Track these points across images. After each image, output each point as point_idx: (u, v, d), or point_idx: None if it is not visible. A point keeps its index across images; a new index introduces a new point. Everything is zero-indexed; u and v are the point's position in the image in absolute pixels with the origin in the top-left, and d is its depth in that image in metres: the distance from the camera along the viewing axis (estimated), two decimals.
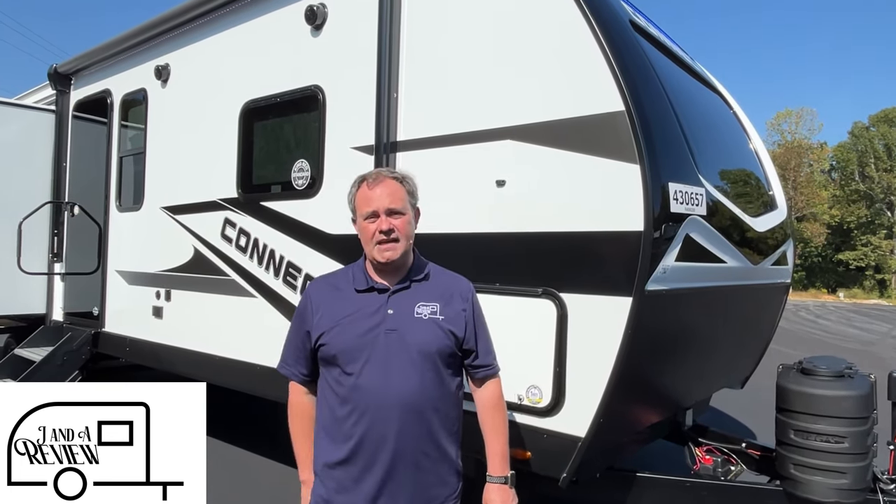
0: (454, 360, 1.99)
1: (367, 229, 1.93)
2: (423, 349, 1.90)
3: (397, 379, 1.87)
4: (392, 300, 1.95)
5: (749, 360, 4.20)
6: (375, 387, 1.87)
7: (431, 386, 1.91)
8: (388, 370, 1.87)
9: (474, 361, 2.03)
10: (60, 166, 5.98)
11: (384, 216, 1.91)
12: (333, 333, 1.91)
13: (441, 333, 1.93)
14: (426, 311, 1.94)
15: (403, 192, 1.96)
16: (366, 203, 1.93)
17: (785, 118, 55.77)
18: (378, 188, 1.93)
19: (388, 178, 1.96)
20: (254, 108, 4.00)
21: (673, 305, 2.66)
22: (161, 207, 4.74)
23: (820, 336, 16.67)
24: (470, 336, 1.99)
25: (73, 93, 6.00)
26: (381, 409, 1.86)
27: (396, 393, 1.86)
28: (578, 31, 2.54)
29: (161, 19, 4.70)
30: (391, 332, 1.90)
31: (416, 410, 1.88)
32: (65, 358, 5.21)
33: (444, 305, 1.97)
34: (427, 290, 1.99)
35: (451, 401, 1.98)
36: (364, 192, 1.95)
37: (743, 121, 4.30)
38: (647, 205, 2.33)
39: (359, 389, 1.88)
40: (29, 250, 5.63)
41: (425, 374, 1.90)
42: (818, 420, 2.71)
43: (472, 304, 2.05)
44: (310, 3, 3.58)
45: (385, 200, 1.91)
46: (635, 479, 2.96)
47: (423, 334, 1.91)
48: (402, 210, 1.94)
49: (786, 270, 4.04)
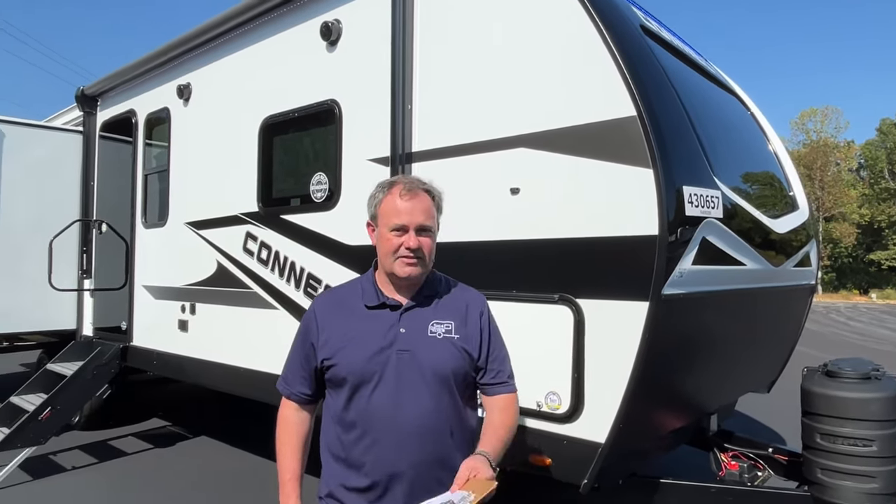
0: (470, 382, 1.88)
1: (391, 242, 1.78)
2: (438, 371, 1.78)
3: (410, 403, 1.75)
4: (404, 318, 1.82)
5: (774, 364, 4.14)
6: (387, 412, 1.74)
7: (447, 410, 1.79)
8: (401, 394, 1.75)
9: (490, 379, 1.89)
10: (88, 185, 6.15)
11: (414, 233, 1.77)
12: (342, 354, 1.79)
13: (456, 353, 1.81)
14: (441, 329, 1.82)
15: (434, 209, 1.84)
16: (395, 214, 1.78)
17: (810, 117, 54.91)
18: (413, 201, 1.78)
19: (423, 192, 1.82)
20: (273, 123, 4.08)
21: (691, 309, 2.64)
22: (185, 223, 4.85)
23: (851, 338, 16.30)
24: (484, 354, 1.87)
25: (99, 114, 6.18)
26: (392, 435, 1.74)
27: (409, 419, 1.74)
28: (588, 38, 2.55)
29: (181, 40, 4.83)
30: (403, 352, 1.77)
31: (430, 437, 1.75)
32: (95, 372, 5.32)
33: (460, 323, 1.85)
34: (441, 307, 1.87)
35: (468, 425, 1.86)
36: (395, 201, 1.79)
37: (761, 122, 4.26)
38: (662, 209, 2.33)
39: (369, 414, 1.75)
40: (59, 267, 5.79)
41: (441, 398, 1.78)
42: (845, 423, 2.67)
43: (488, 320, 1.93)
44: (324, 20, 3.65)
45: (419, 216, 1.78)
46: (658, 486, 2.93)
47: (437, 355, 1.79)
48: (431, 228, 1.82)
49: (809, 272, 3.98)
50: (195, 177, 4.88)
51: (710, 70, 3.90)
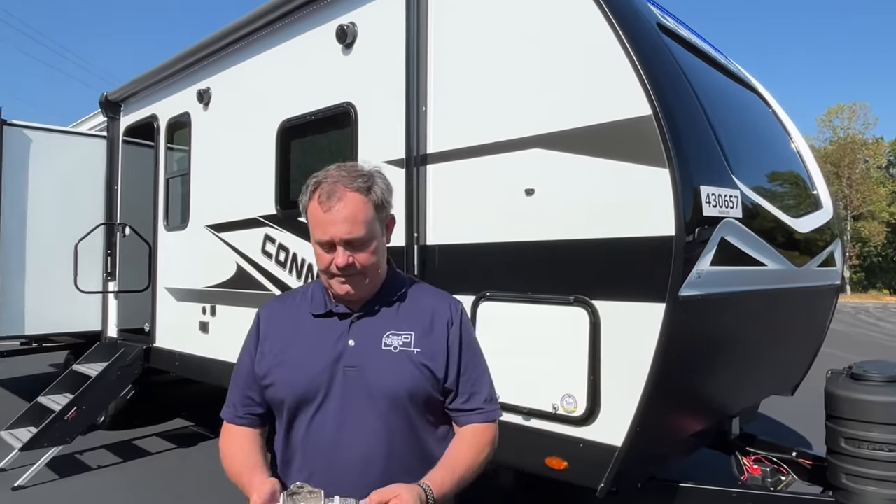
0: (436, 406, 1.54)
1: (321, 258, 1.48)
2: (390, 391, 1.46)
3: (352, 431, 1.45)
4: (355, 328, 1.52)
5: (798, 366, 4.06)
6: (325, 441, 1.46)
7: (399, 439, 1.47)
8: (344, 421, 1.45)
9: (461, 404, 1.55)
10: (112, 189, 6.26)
11: (341, 249, 1.44)
12: (279, 372, 1.51)
13: (415, 371, 1.48)
14: (397, 341, 1.50)
15: (368, 209, 1.46)
16: (318, 226, 1.45)
17: (837, 113, 53.78)
18: (333, 211, 1.42)
19: (348, 192, 1.44)
20: (290, 126, 4.12)
21: (709, 311, 2.60)
22: (205, 226, 4.91)
23: (881, 340, 15.91)
24: (453, 373, 1.53)
25: (122, 119, 6.29)
26: (328, 468, 1.45)
27: (350, 449, 1.45)
28: (603, 37, 2.53)
29: (201, 45, 4.89)
30: (350, 369, 1.47)
31: (375, 470, 1.43)
32: (119, 373, 5.42)
33: (422, 334, 1.52)
34: (402, 316, 1.55)
35: (431, 460, 1.49)
36: (315, 209, 1.45)
37: (783, 120, 4.18)
38: (678, 209, 2.30)
39: (307, 444, 1.48)
40: (85, 270, 5.91)
41: (392, 425, 1.46)
42: (870, 427, 2.60)
43: (460, 332, 1.57)
44: (340, 23, 3.67)
45: (342, 228, 1.42)
46: (678, 490, 2.88)
47: (390, 372, 1.47)
48: (365, 239, 1.45)
49: (834, 272, 3.89)
50: (215, 180, 4.94)
51: (730, 68, 3.83)
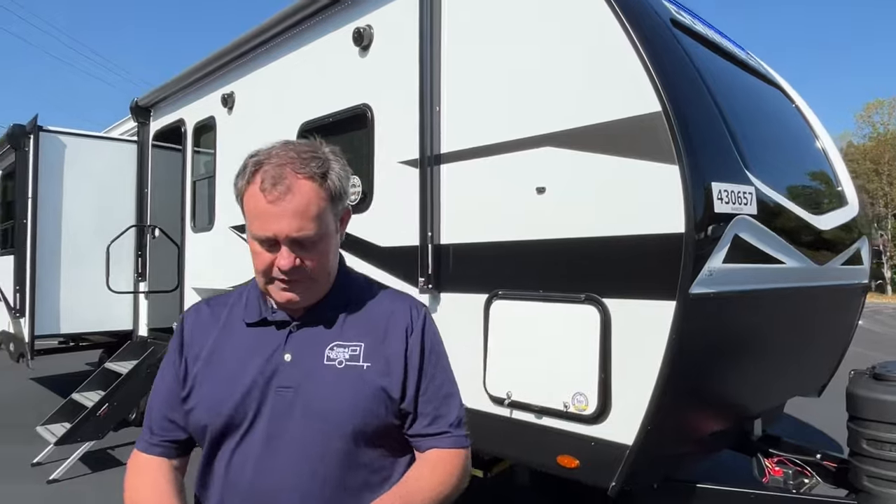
0: (391, 431, 1.25)
1: (259, 257, 1.20)
2: (332, 418, 1.18)
3: (280, 465, 1.17)
4: (293, 340, 1.24)
5: (825, 367, 3.96)
6: (244, 477, 1.18)
7: (343, 481, 1.18)
8: (275, 454, 1.18)
9: (422, 429, 1.27)
10: (143, 192, 6.45)
11: (286, 249, 1.17)
12: (200, 393, 1.25)
13: (364, 390, 1.21)
14: (342, 354, 1.22)
15: (322, 200, 1.18)
16: (257, 218, 1.17)
17: (876, 109, 52.08)
18: (280, 202, 1.14)
19: (299, 178, 1.16)
20: (309, 128, 4.18)
21: (723, 309, 2.56)
22: (230, 227, 5.02)
23: None
24: (411, 391, 1.25)
25: (152, 123, 6.47)
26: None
27: (273, 488, 1.17)
28: (612, 34, 2.52)
29: (225, 51, 5.01)
30: (284, 390, 1.20)
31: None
32: (148, 370, 5.56)
33: (374, 345, 1.25)
34: (350, 324, 1.27)
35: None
36: (255, 197, 1.17)
37: (807, 115, 4.09)
38: (688, 206, 2.28)
39: (226, 485, 1.21)
40: (116, 271, 6.10)
41: (332, 463, 1.18)
42: (892, 429, 2.54)
43: (421, 341, 1.29)
44: (357, 26, 3.72)
45: (290, 223, 1.15)
46: (695, 491, 2.85)
47: (332, 393, 1.19)
48: (316, 237, 1.18)
49: (861, 270, 3.79)
50: None
51: (750, 63, 3.77)
